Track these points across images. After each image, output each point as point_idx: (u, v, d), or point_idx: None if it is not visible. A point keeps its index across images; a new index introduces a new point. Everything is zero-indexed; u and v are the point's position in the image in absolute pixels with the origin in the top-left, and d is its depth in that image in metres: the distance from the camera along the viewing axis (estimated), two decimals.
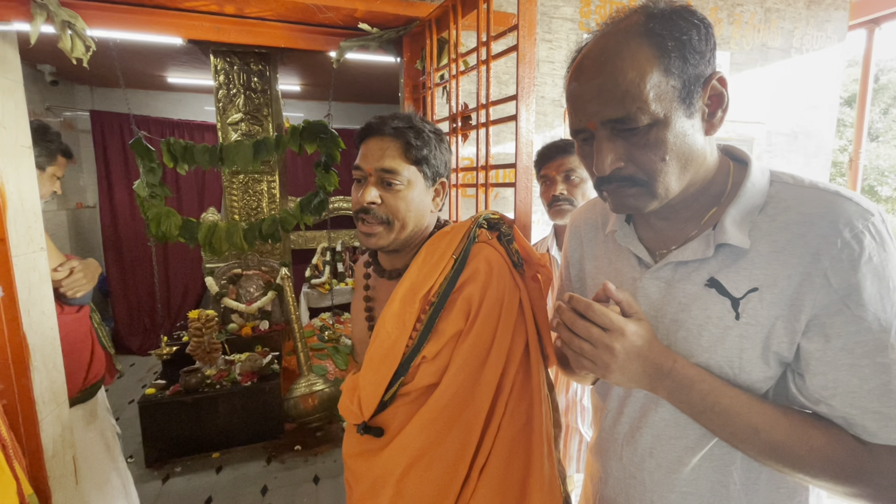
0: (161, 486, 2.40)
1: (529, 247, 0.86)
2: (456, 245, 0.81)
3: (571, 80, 0.61)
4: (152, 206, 2.34)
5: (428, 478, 0.76)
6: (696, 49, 0.56)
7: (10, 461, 1.00)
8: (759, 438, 0.56)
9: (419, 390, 0.79)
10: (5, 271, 1.16)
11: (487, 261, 0.80)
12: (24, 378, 1.21)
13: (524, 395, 0.79)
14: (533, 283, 0.84)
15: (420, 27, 1.38)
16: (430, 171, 0.84)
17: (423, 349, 0.77)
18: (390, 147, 0.81)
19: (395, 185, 0.81)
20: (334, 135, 2.23)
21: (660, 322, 0.64)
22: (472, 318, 0.77)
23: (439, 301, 0.77)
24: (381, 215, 0.81)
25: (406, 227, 0.83)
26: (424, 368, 0.78)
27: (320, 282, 4.00)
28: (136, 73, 3.87)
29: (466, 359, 0.77)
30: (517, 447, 0.77)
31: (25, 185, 1.27)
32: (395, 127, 0.82)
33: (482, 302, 0.77)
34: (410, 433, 0.77)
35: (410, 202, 0.82)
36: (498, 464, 0.76)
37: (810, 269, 0.54)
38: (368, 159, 0.82)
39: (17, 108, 1.25)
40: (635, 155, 0.58)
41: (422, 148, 0.82)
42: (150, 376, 3.69)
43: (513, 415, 0.77)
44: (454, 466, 0.76)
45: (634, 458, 0.68)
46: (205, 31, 1.29)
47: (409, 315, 0.78)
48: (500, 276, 0.79)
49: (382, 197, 0.81)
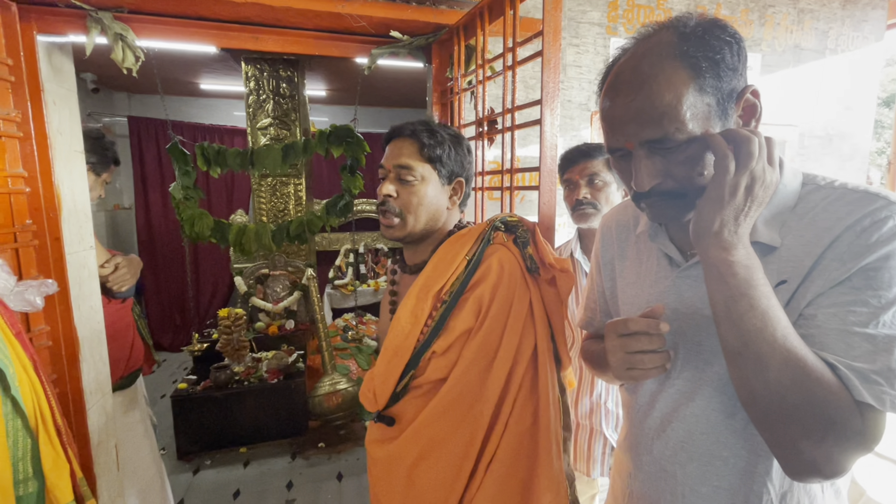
0: (192, 477, 2.49)
1: (549, 251, 0.87)
2: (470, 246, 0.85)
3: (605, 99, 0.63)
4: (187, 207, 2.43)
5: (437, 469, 0.80)
6: (730, 66, 0.57)
7: (64, 447, 1.07)
8: (773, 369, 0.53)
9: (430, 384, 0.83)
10: (60, 268, 1.24)
11: (500, 262, 0.83)
12: (74, 369, 1.29)
13: (532, 396, 0.81)
14: (549, 287, 0.86)
15: (448, 34, 1.41)
16: (444, 170, 0.90)
17: (434, 344, 0.81)
18: (407, 146, 0.89)
19: (410, 181, 0.87)
20: (360, 139, 2.28)
21: (692, 319, 0.66)
22: (482, 316, 0.80)
23: (451, 299, 0.81)
24: (396, 208, 0.88)
25: (419, 221, 0.89)
26: (435, 363, 0.82)
27: (343, 283, 4.08)
28: (171, 80, 4.03)
29: (475, 356, 0.80)
30: (523, 446, 0.79)
31: (78, 188, 1.36)
32: (413, 129, 0.90)
33: (492, 301, 0.80)
34: (421, 425, 0.81)
35: (423, 197, 0.88)
36: (504, 461, 0.78)
37: (828, 253, 0.56)
38: (389, 158, 0.90)
39: (72, 116, 1.34)
40: (674, 171, 0.60)
41: (435, 147, 0.88)
42: (180, 372, 3.82)
43: (520, 414, 0.79)
44: (461, 460, 0.79)
45: (666, 452, 0.69)
46: (244, 40, 1.36)
47: (422, 311, 0.82)
48: (511, 277, 0.82)
49: (398, 191, 0.88)
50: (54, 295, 1.22)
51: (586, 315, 0.92)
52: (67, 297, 1.26)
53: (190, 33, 1.30)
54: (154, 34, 1.27)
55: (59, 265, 1.24)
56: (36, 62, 1.17)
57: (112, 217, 4.41)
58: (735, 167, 0.55)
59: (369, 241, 4.48)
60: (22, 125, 1.16)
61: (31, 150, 1.17)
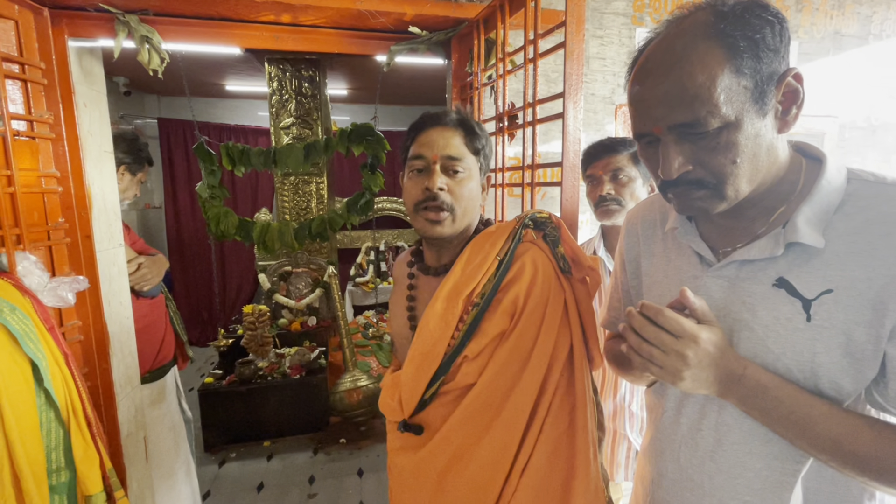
0: (218, 469, 2.55)
1: (579, 249, 0.83)
2: (500, 245, 0.81)
3: (634, 83, 0.60)
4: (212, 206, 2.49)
5: (468, 475, 0.77)
6: (770, 47, 0.53)
7: (94, 438, 1.11)
8: (842, 450, 0.53)
9: (460, 389, 0.80)
10: (91, 265, 1.28)
11: (533, 261, 0.80)
12: (104, 362, 1.33)
13: (568, 398, 0.78)
14: (580, 286, 0.82)
15: (468, 28, 1.39)
16: (484, 164, 0.87)
17: (466, 349, 0.77)
18: (455, 136, 0.83)
19: (460, 173, 0.82)
20: (380, 137, 2.29)
21: (722, 322, 0.62)
22: (516, 318, 0.77)
23: (484, 303, 0.77)
24: (449, 202, 0.81)
25: (466, 217, 0.84)
26: (466, 368, 0.79)
27: (364, 280, 4.11)
28: (198, 82, 4.14)
29: (508, 359, 0.77)
30: (560, 449, 0.76)
31: (107, 187, 1.40)
32: (459, 118, 0.85)
33: (527, 302, 0.77)
34: (450, 431, 0.78)
35: (471, 191, 0.83)
36: (540, 465, 0.75)
37: (895, 270, 0.50)
38: (432, 147, 0.82)
39: (102, 118, 1.38)
40: (704, 158, 0.56)
41: (481, 138, 0.85)
42: (207, 367, 3.93)
43: (556, 417, 0.76)
44: (494, 466, 0.76)
45: (693, 461, 0.66)
46: (264, 40, 1.37)
47: (452, 315, 0.79)
48: (545, 276, 0.79)
49: (448, 184, 0.81)
50: (85, 291, 1.26)
51: (609, 315, 0.89)
52: (98, 293, 1.30)
53: (212, 34, 1.32)
54: (178, 35, 1.30)
55: (89, 262, 1.28)
56: (67, 65, 1.20)
57: (143, 216, 4.57)
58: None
59: (390, 238, 4.50)
60: (54, 127, 1.20)
61: (62, 151, 1.21)
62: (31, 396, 1.01)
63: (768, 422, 0.57)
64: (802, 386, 0.56)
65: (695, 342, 0.56)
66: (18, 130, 1.11)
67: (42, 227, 1.16)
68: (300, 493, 2.35)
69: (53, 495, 1.04)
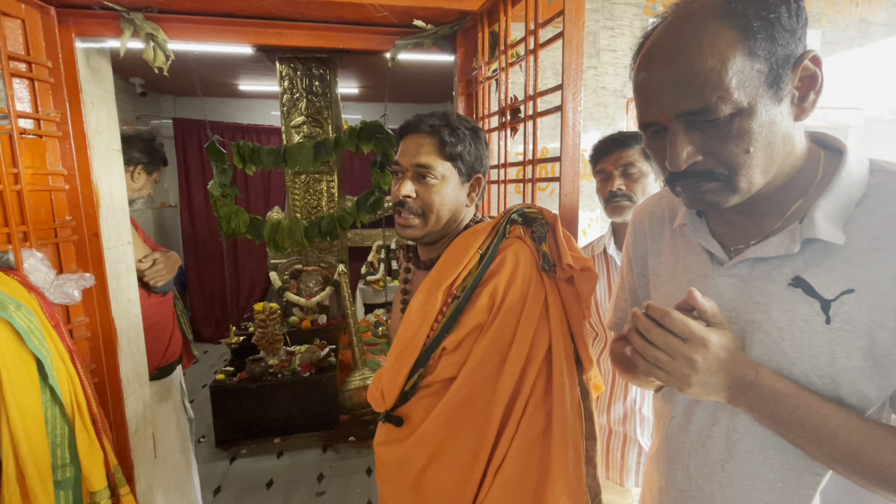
0: (229, 465, 2.58)
1: (567, 248, 0.79)
2: (483, 240, 0.82)
3: (640, 70, 0.56)
4: (223, 204, 2.51)
5: (447, 473, 0.77)
6: (786, 27, 0.49)
7: (99, 435, 1.11)
8: (863, 462, 0.49)
9: (440, 383, 0.80)
10: (98, 263, 1.29)
11: (515, 255, 0.79)
12: (112, 359, 1.34)
13: (545, 399, 0.76)
14: (567, 286, 0.80)
15: (473, 21, 1.36)
16: (464, 167, 0.87)
17: (444, 341, 0.78)
18: (426, 144, 0.85)
19: (430, 180, 0.84)
20: (389, 134, 2.27)
21: (733, 324, 0.59)
22: (494, 310, 0.77)
23: (464, 295, 0.78)
24: (416, 208, 0.85)
25: (441, 220, 0.86)
26: (445, 360, 0.79)
27: (375, 279, 4.11)
28: (212, 82, 4.19)
29: (487, 352, 0.76)
30: (534, 453, 0.75)
31: (115, 185, 1.41)
32: (432, 125, 0.86)
33: (506, 295, 0.77)
34: (431, 427, 0.79)
35: (444, 196, 0.85)
36: (514, 467, 0.74)
37: None
38: (406, 155, 0.86)
39: (109, 116, 1.39)
40: (715, 148, 0.53)
41: (456, 144, 0.85)
42: (221, 363, 3.98)
43: (531, 418, 0.75)
44: (471, 464, 0.76)
45: (703, 470, 0.62)
46: (269, 36, 1.36)
47: (432, 306, 0.79)
48: (525, 272, 0.78)
49: (418, 191, 0.85)
50: (93, 288, 1.27)
51: (616, 315, 0.85)
52: (106, 290, 1.31)
53: (216, 31, 1.31)
54: (182, 33, 1.30)
55: (97, 260, 1.29)
56: (74, 64, 1.21)
57: (159, 214, 4.65)
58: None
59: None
60: (61, 125, 1.21)
61: (69, 149, 1.22)
62: (36, 393, 1.02)
63: (782, 431, 0.54)
64: (820, 392, 0.53)
65: (703, 346, 0.52)
66: (25, 129, 1.12)
67: (49, 224, 1.17)
68: (308, 490, 2.36)
69: (59, 491, 1.05)
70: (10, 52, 1.07)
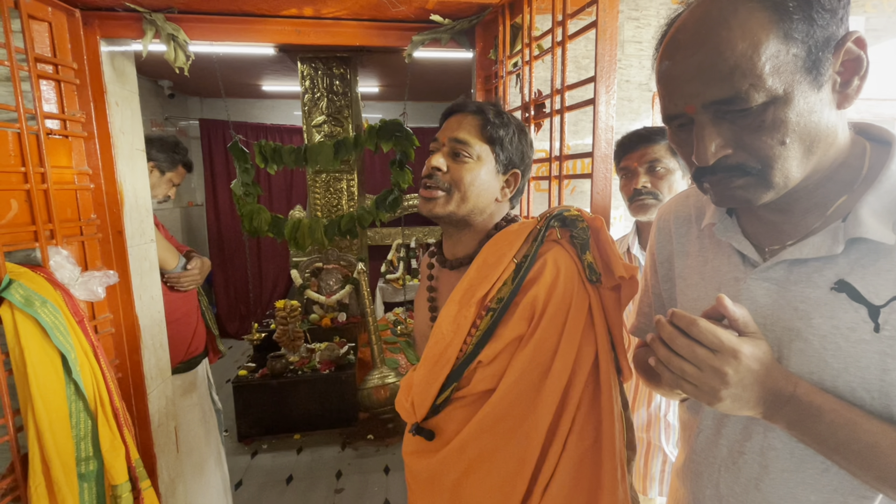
0: (250, 460, 2.62)
1: (613, 256, 0.75)
2: (518, 247, 0.76)
3: (663, 59, 0.52)
4: (246, 203, 2.55)
5: (485, 487, 0.73)
6: (826, 6, 0.45)
7: (120, 429, 1.14)
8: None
9: (475, 395, 0.76)
10: (122, 260, 1.32)
11: (555, 261, 0.74)
12: (135, 355, 1.37)
13: (593, 412, 0.72)
14: (610, 293, 0.75)
15: (493, 14, 1.33)
16: (503, 155, 0.83)
17: (480, 354, 0.73)
18: (468, 121, 0.83)
19: (464, 157, 0.81)
20: (409, 133, 2.26)
21: (769, 332, 0.54)
22: (535, 321, 0.72)
23: (501, 308, 0.73)
24: (444, 182, 0.81)
25: (466, 202, 0.81)
26: (481, 373, 0.74)
27: (394, 277, 4.12)
28: (236, 83, 4.27)
29: (528, 365, 0.71)
30: (585, 468, 0.71)
31: (139, 184, 1.43)
32: (479, 105, 0.84)
33: (547, 304, 0.71)
34: (467, 439, 0.75)
35: (476, 177, 0.81)
36: (563, 484, 0.70)
37: None
38: (445, 131, 0.84)
39: (133, 116, 1.42)
40: (747, 140, 0.48)
41: (499, 127, 0.81)
42: (244, 359, 4.05)
43: (581, 432, 0.71)
44: (513, 480, 0.72)
45: (735, 489, 0.58)
46: (287, 34, 1.36)
47: (465, 318, 0.75)
48: (567, 279, 0.73)
49: (449, 166, 0.82)
50: (117, 285, 1.29)
51: (639, 321, 0.81)
52: (129, 287, 1.34)
53: (235, 30, 1.32)
54: (202, 32, 1.31)
55: (121, 257, 1.32)
56: (99, 65, 1.24)
57: (186, 213, 4.78)
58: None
59: (420, 236, 4.49)
60: (86, 125, 1.23)
61: (94, 149, 1.25)
62: (60, 387, 1.04)
63: (825, 450, 0.49)
64: (868, 408, 0.48)
65: (735, 358, 0.48)
66: (52, 129, 1.15)
67: (75, 222, 1.20)
68: (327, 487, 2.37)
69: (82, 483, 1.07)
70: (38, 55, 1.10)
